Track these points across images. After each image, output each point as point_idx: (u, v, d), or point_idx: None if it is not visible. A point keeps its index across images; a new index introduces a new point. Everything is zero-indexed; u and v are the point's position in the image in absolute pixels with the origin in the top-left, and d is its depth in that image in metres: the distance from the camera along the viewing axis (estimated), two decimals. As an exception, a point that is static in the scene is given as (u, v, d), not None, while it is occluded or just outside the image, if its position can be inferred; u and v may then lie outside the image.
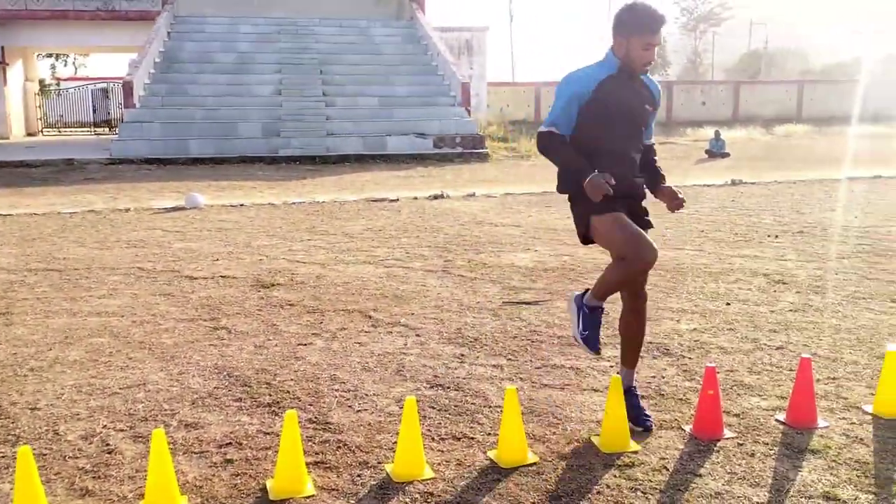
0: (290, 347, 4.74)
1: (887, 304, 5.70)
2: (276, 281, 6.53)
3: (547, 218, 10.13)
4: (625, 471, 3.14)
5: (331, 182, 15.27)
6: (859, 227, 9.16)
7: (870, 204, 11.21)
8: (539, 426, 3.57)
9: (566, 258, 7.44)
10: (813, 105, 39.00)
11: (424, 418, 3.64)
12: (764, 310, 5.56)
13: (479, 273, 6.79)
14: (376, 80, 23.34)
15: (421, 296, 6.01)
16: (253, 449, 3.35)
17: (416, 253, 7.74)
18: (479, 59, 27.43)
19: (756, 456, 3.28)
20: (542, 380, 4.18)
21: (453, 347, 4.72)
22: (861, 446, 3.36)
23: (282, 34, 25.25)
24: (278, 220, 10.05)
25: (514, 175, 16.81)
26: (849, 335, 4.95)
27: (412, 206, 11.46)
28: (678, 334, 4.99)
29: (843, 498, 2.92)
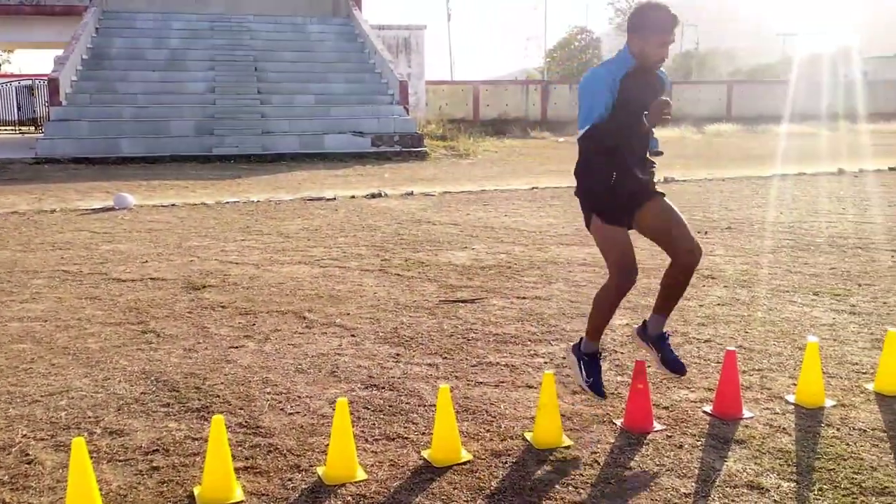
0: (220, 350, 4.64)
1: (810, 296, 5.90)
2: (207, 282, 6.39)
3: (485, 216, 10.18)
4: (557, 466, 3.17)
5: (266, 181, 15.04)
6: (784, 222, 9.47)
7: (794, 200, 11.61)
8: (473, 424, 3.58)
9: (503, 256, 7.48)
10: (742, 105, 40.20)
11: (358, 419, 3.60)
12: (693, 304, 5.69)
13: (417, 272, 6.78)
14: (313, 77, 23.09)
15: (357, 295, 5.96)
16: (180, 455, 3.26)
17: (353, 252, 7.68)
18: (417, 58, 27.41)
19: (684, 447, 3.35)
20: (478, 378, 4.19)
21: (389, 347, 4.69)
22: (784, 435, 3.46)
23: (215, 30, 24.76)
24: (211, 221, 9.84)
25: (453, 174, 16.84)
26: (773, 327, 5.10)
27: (349, 204, 11.37)
28: (611, 329, 5.06)
29: (766, 486, 3.00)
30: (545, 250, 7.74)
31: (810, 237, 8.40)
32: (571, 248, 7.82)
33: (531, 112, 36.48)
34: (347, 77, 23.55)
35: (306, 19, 26.28)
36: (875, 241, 8.13)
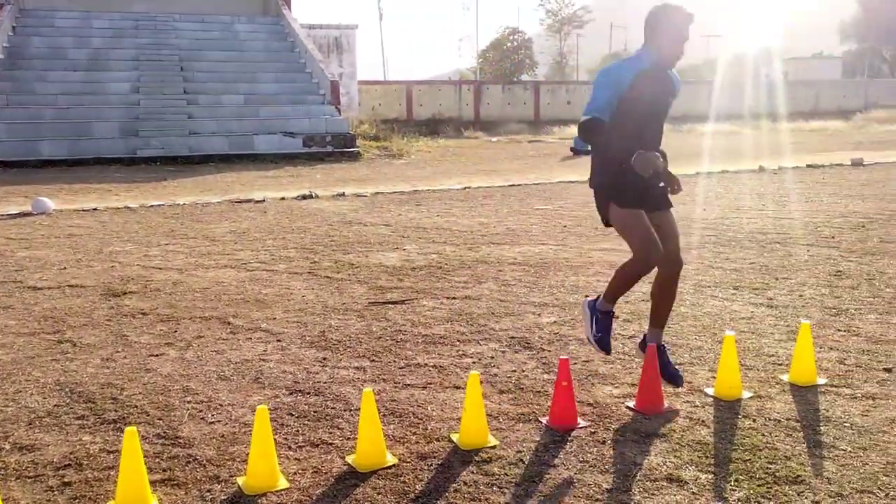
0: (140, 359, 4.50)
1: (729, 291, 6.07)
2: (128, 289, 6.19)
3: (417, 216, 10.16)
4: (482, 466, 3.17)
5: (193, 183, 14.69)
6: (707, 219, 9.73)
7: (717, 197, 11.95)
8: (400, 427, 3.55)
9: (434, 256, 7.48)
10: (668, 104, 41.19)
11: (282, 426, 3.54)
12: (619, 301, 5.77)
13: (346, 274, 6.71)
14: (242, 77, 22.69)
15: (284, 299, 5.86)
16: (94, 470, 3.14)
17: (282, 255, 7.56)
18: (349, 58, 27.22)
19: (607, 443, 3.39)
20: (405, 380, 4.16)
21: (315, 351, 4.62)
22: (702, 428, 3.55)
23: (139, 29, 24.08)
24: (134, 225, 9.55)
25: (386, 174, 16.77)
26: (694, 322, 5.23)
27: (279, 206, 11.20)
28: (539, 328, 5.11)
29: (684, 479, 3.06)
30: (476, 250, 7.77)
31: (732, 233, 8.65)
32: (502, 248, 7.87)
33: (465, 112, 36.67)
34: (277, 77, 23.22)
35: (234, 18, 25.80)
36: (793, 235, 8.43)
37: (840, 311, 5.43)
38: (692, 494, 2.94)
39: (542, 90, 39.95)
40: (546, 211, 10.62)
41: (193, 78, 22.14)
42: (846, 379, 4.11)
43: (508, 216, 10.13)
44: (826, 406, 3.77)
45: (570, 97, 40.17)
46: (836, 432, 3.47)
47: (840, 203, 10.82)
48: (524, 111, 38.01)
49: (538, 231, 8.92)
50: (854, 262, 6.99)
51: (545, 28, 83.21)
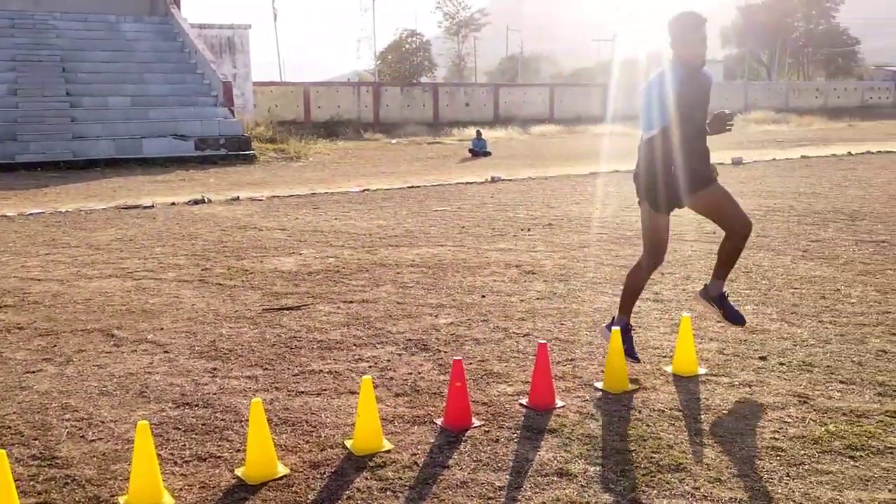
0: (15, 376, 4.24)
1: (619, 287, 6.25)
2: (3, 302, 5.84)
3: (314, 220, 10.03)
4: (376, 472, 3.16)
5: (77, 189, 14.00)
6: (599, 217, 10.04)
7: (609, 196, 12.34)
8: (292, 436, 3.49)
9: (331, 260, 7.39)
10: (563, 107, 42.35)
11: (167, 441, 3.41)
12: (515, 299, 5.89)
13: (240, 280, 6.55)
14: (128, 78, 21.79)
15: (173, 308, 5.66)
16: (-41, 499, 2.93)
17: (171, 262, 7.29)
18: (242, 58, 26.57)
19: (500, 441, 3.44)
20: (299, 387, 4.09)
21: (205, 362, 4.48)
22: (592, 421, 3.65)
23: (16, 28, 22.73)
24: (11, 234, 9.01)
25: (282, 177, 16.47)
26: (586, 318, 5.38)
27: (169, 212, 10.81)
28: (436, 329, 5.13)
29: (574, 472, 3.14)
30: (374, 253, 7.74)
31: (622, 231, 8.95)
32: (401, 250, 7.87)
33: (364, 114, 36.49)
34: (167, 78, 22.43)
35: (119, 17, 24.73)
36: (678, 231, 8.78)
37: (720, 303, 5.69)
38: (581, 487, 3.02)
39: (441, 92, 40.24)
40: (444, 212, 10.69)
41: (76, 79, 21.10)
42: (725, 368, 4.32)
43: (407, 218, 10.13)
44: (706, 395, 3.96)
45: (468, 99, 40.62)
46: (715, 419, 3.64)
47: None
48: (423, 113, 38.19)
49: (436, 232, 8.97)
50: (733, 256, 7.35)
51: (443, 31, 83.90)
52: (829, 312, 5.36)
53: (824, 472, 3.10)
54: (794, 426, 3.54)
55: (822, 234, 8.30)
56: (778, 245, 7.82)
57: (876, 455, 3.23)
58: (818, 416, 3.63)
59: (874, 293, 5.85)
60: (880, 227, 8.67)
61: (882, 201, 10.76)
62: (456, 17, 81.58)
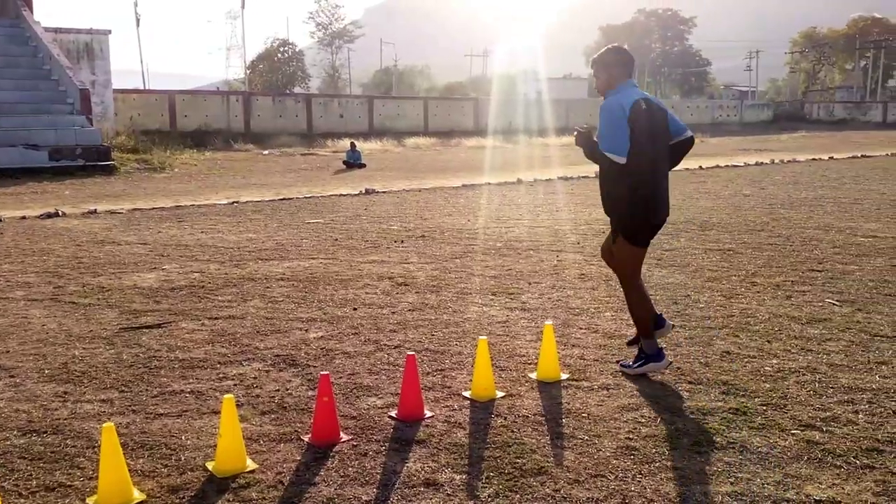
0: None
1: (489, 297, 6.42)
2: None
3: (178, 233, 9.66)
4: (239, 493, 3.07)
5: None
6: (470, 229, 10.23)
7: (480, 208, 12.61)
8: (150, 461, 3.34)
9: (196, 275, 7.14)
10: (437, 120, 42.90)
11: (11, 472, 3.18)
12: (387, 311, 5.90)
13: (95, 298, 6.21)
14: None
15: (21, 329, 5.29)
16: None
17: (19, 280, 6.82)
18: (101, 64, 25.21)
19: (368, 455, 3.44)
20: (158, 409, 3.92)
21: (55, 385, 4.22)
22: (459, 430, 3.71)
23: None
24: None
25: (145, 189, 15.77)
26: (456, 328, 5.46)
27: (19, 226, 10.10)
28: (306, 343, 5.06)
29: (441, 482, 3.18)
30: (243, 267, 7.54)
31: (492, 241, 9.16)
32: (270, 263, 7.71)
33: (234, 124, 35.53)
34: (18, 84, 21.00)
35: (-37, 17, 22.95)
36: (544, 242, 9.10)
37: (582, 310, 5.95)
38: (447, 496, 3.06)
39: (315, 103, 39.78)
40: (317, 225, 10.57)
41: (-89, 82, 19.38)
42: (585, 373, 4.51)
43: (278, 231, 9.95)
44: (568, 399, 4.11)
45: (342, 111, 40.39)
46: (576, 423, 3.79)
47: (586, 211, 11.87)
48: (297, 124, 37.63)
49: (308, 245, 8.86)
50: (595, 265, 7.68)
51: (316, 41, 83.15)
52: (679, 317, 5.70)
53: (673, 468, 3.29)
54: (647, 426, 3.74)
55: (675, 244, 8.81)
56: (636, 254, 8.24)
57: (719, 451, 3.46)
58: (668, 416, 3.86)
59: (720, 298, 6.28)
60: (726, 237, 9.31)
61: (728, 212, 11.57)
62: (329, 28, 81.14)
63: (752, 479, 3.17)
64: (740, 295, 6.37)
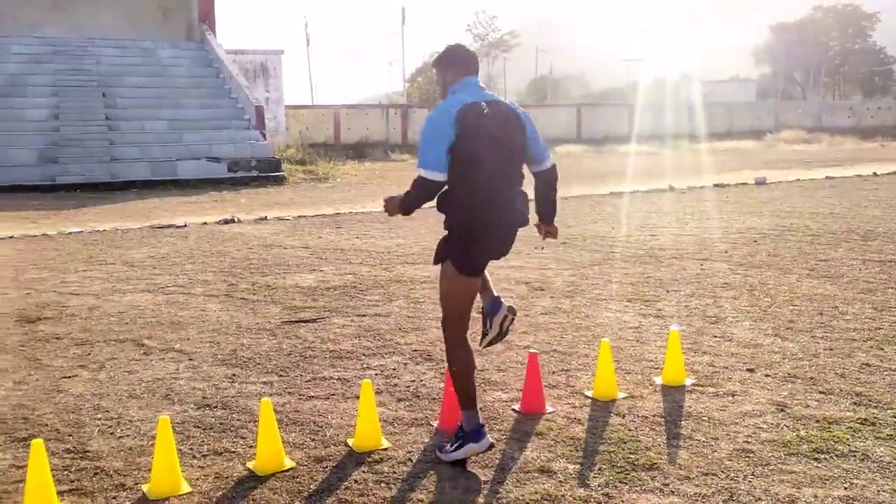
0: (52, 381, 4.63)
1: (623, 303, 6.52)
2: (43, 315, 6.27)
3: (336, 239, 10.41)
4: (373, 466, 3.46)
5: (114, 210, 14.58)
6: (613, 236, 10.28)
7: (626, 216, 12.56)
8: (300, 435, 3.82)
9: (349, 277, 7.74)
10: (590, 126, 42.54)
11: (188, 438, 3.75)
12: (520, 314, 6.15)
13: (262, 295, 6.92)
14: (165, 103, 22.53)
15: (199, 321, 6.04)
16: (4, 483, 3.30)
17: (200, 279, 7.70)
18: (275, 83, 27.31)
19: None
20: (310, 392, 4.42)
21: (226, 368, 4.84)
22: (577, 425, 3.92)
23: (57, 55, 23.65)
24: (51, 252, 9.52)
25: (310, 198, 16.95)
26: (586, 332, 5.64)
27: (200, 231, 11.28)
28: (441, 341, 5.41)
29: (554, 470, 3.42)
30: (391, 270, 8.08)
31: (634, 249, 9.19)
32: (416, 267, 8.20)
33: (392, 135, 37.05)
34: (202, 102, 23.15)
35: (157, 44, 25.61)
36: (689, 251, 9.00)
37: (719, 319, 5.93)
38: (559, 483, 3.30)
39: (469, 113, 40.69)
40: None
41: (115, 104, 21.89)
42: (712, 379, 4.56)
43: (426, 237, 10.46)
44: (690, 403, 4.20)
45: (496, 120, 40.98)
46: (694, 425, 3.89)
47: (739, 220, 11.54)
48: (451, 134, 38.65)
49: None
50: (741, 274, 7.56)
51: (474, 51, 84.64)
52: (822, 328, 5.56)
53: (788, 471, 3.34)
54: (768, 431, 3.78)
55: (831, 254, 8.45)
56: (786, 264, 8.00)
57: (839, 458, 3.46)
58: (792, 423, 3.87)
59: (870, 310, 6.03)
60: (891, 247, 8.80)
61: (897, 221, 10.86)
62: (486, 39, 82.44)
63: (867, 486, 3.17)
64: (893, 308, 6.09)
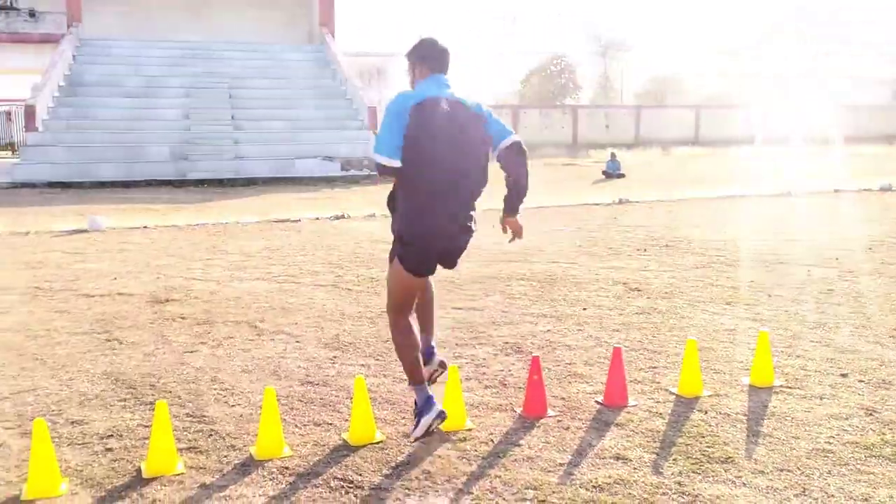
0: (177, 355, 5.14)
1: (722, 306, 6.49)
2: (171, 297, 6.88)
3: (440, 236, 10.72)
4: (457, 444, 3.71)
5: (236, 204, 15.54)
6: (720, 240, 10.10)
7: (735, 220, 12.27)
8: (392, 412, 4.11)
9: (448, 271, 8.01)
10: (708, 128, 41.29)
11: (291, 409, 4.12)
12: (614, 313, 6.26)
13: (366, 286, 7.31)
14: (285, 104, 23.68)
15: (307, 307, 6.47)
16: (132, 439, 3.76)
17: (310, 269, 8.20)
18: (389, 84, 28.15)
19: (570, 429, 3.89)
20: (403, 375, 4.69)
21: (328, 351, 5.21)
22: (658, 419, 4.02)
23: (191, 58, 25.30)
24: (180, 241, 10.33)
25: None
26: (679, 332, 5.67)
27: (313, 226, 11.90)
28: (533, 335, 5.62)
29: (630, 457, 3.55)
30: (489, 266, 8.30)
31: (740, 254, 9.02)
32: (514, 265, 8.39)
33: (503, 136, 37.24)
34: (319, 103, 24.17)
35: (282, 47, 26.94)
36: (797, 257, 8.76)
37: (819, 325, 5.82)
38: (633, 469, 3.43)
39: (581, 114, 40.44)
40: (564, 232, 11.10)
41: (240, 105, 23.22)
42: (802, 382, 4.54)
43: (527, 236, 10.57)
44: (776, 404, 4.21)
45: (608, 121, 40.57)
46: (776, 424, 3.91)
47: (855, 227, 11.07)
48: (562, 135, 38.55)
49: (552, 250, 9.42)
50: (849, 281, 7.33)
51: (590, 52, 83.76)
52: (929, 337, 5.37)
53: (866, 472, 3.34)
54: (852, 434, 3.76)
55: (953, 263, 8.04)
56: (900, 272, 7.69)
57: (925, 463, 3.41)
58: (879, 427, 3.83)
59: None
60: None
61: None
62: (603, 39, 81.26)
63: (947, 492, 3.14)
64: None
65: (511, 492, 3.23)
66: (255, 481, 3.33)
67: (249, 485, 3.30)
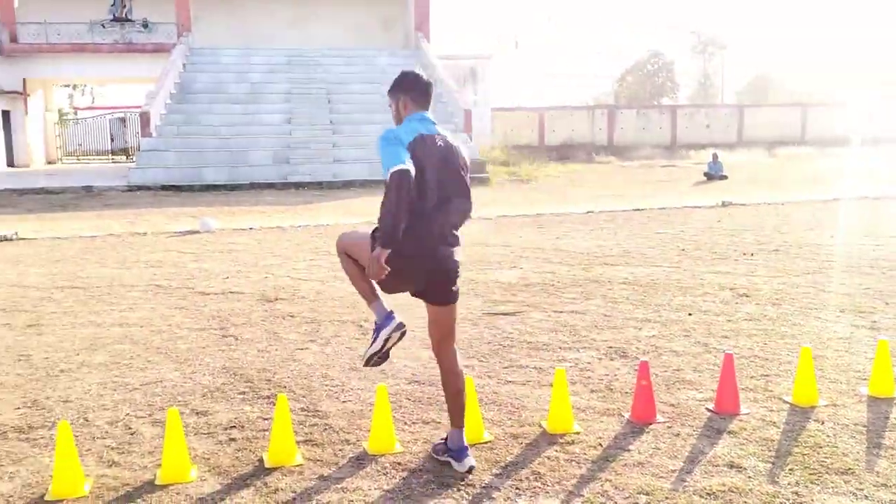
0: (288, 351, 5.35)
1: (835, 313, 6.24)
2: (279, 296, 7.16)
3: (536, 238, 10.73)
4: (565, 447, 3.72)
5: (336, 206, 15.96)
6: (832, 244, 9.69)
7: (848, 224, 11.73)
8: (499, 413, 4.16)
9: (548, 275, 8.02)
10: (815, 127, 39.52)
11: (400, 407, 4.23)
12: (722, 319, 6.12)
13: (466, 288, 7.38)
14: (382, 108, 24.10)
15: (410, 308, 6.59)
16: (253, 430, 3.95)
17: (410, 271, 8.34)
18: (482, 86, 28.27)
19: (681, 436, 3.84)
20: (508, 377, 4.76)
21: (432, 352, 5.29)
22: (772, 428, 3.92)
23: (292, 65, 26.15)
24: (284, 242, 10.71)
25: (512, 198, 17.43)
26: (791, 340, 5.50)
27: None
28: (637, 340, 5.56)
29: (744, 466, 3.48)
30: (589, 270, 8.25)
31: (854, 259, 8.63)
32: (615, 268, 8.30)
33: (598, 137, 36.81)
34: (415, 106, 24.49)
35: (377, 52, 27.48)
36: (918, 262, 8.31)
37: (944, 334, 5.51)
38: (748, 478, 3.36)
39: (679, 114, 39.42)
40: (665, 235, 10.89)
41: (338, 109, 23.82)
42: (928, 394, 4.32)
43: (626, 239, 10.49)
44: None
45: (708, 121, 39.39)
46: (901, 438, 3.74)
47: (982, 231, 10.40)
48: (660, 136, 37.70)
49: (654, 254, 9.26)
50: (977, 289, 6.91)
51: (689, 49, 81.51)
52: None
53: None
54: None
55: None
56: None
57: None
58: None
59: None
60: None
61: None
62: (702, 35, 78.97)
63: None
64: None
65: (623, 496, 3.23)
66: (370, 475, 3.45)
67: (365, 478, 3.42)
